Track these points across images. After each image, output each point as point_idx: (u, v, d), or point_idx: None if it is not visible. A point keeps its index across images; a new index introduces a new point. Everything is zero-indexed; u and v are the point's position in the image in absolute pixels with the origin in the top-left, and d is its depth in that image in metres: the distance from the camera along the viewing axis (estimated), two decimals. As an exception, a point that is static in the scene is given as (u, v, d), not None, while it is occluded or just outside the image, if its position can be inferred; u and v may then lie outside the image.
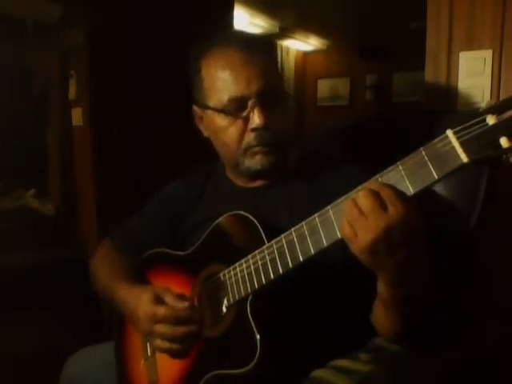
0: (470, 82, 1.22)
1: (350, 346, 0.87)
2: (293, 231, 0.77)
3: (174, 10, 2.35)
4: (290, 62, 5.37)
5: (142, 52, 2.29)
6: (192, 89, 1.02)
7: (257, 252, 0.82)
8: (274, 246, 0.79)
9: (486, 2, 1.18)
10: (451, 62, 1.24)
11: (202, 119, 1.03)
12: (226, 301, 0.88)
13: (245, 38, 0.98)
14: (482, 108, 0.59)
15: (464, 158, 0.59)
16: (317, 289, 0.87)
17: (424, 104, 1.32)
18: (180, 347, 0.90)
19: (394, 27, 4.23)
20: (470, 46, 1.21)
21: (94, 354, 1.16)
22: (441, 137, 0.61)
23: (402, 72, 4.81)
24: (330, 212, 0.71)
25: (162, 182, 1.18)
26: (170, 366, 0.95)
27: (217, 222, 0.95)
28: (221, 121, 0.96)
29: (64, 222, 2.36)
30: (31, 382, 1.71)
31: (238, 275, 0.85)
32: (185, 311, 0.89)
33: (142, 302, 0.92)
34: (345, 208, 0.68)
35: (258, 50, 0.94)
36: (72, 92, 2.26)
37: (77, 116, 2.29)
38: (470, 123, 0.59)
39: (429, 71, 1.28)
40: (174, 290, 0.94)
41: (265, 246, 0.81)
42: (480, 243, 1.03)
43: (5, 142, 2.26)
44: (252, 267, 0.83)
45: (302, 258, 0.75)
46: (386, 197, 0.64)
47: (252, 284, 0.82)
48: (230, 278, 0.87)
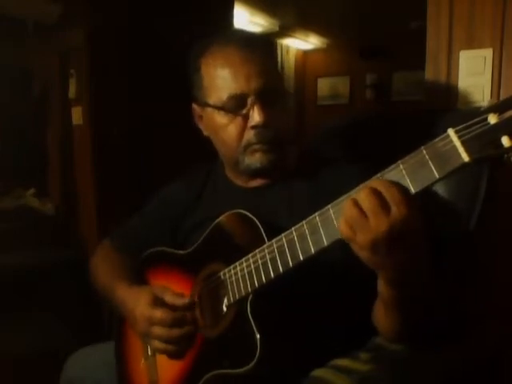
0: (471, 81, 1.22)
1: (350, 345, 0.87)
2: (293, 230, 0.76)
3: (174, 9, 2.35)
4: (290, 60, 5.37)
5: (142, 52, 2.29)
6: (192, 87, 1.01)
7: (257, 251, 0.82)
8: (275, 245, 0.79)
9: (485, 1, 1.18)
10: (451, 61, 1.24)
11: (201, 118, 1.03)
12: (226, 300, 0.88)
13: (244, 37, 0.98)
14: (484, 107, 0.59)
15: (465, 157, 0.58)
16: (317, 288, 0.86)
17: (424, 103, 1.32)
18: (176, 348, 0.92)
19: (394, 26, 4.23)
20: (470, 44, 1.21)
21: (93, 354, 1.17)
22: (442, 136, 0.61)
23: (402, 71, 4.80)
24: (331, 211, 0.71)
25: (162, 182, 1.18)
26: (170, 366, 0.95)
27: (217, 221, 0.95)
28: (220, 119, 0.96)
29: (64, 222, 2.35)
30: (31, 382, 1.71)
31: (239, 274, 0.85)
32: (181, 314, 0.90)
33: (139, 304, 0.93)
34: (344, 207, 0.67)
35: (258, 49, 0.94)
36: (72, 91, 2.26)
37: (77, 115, 2.29)
38: (472, 122, 0.58)
39: (429, 70, 1.28)
40: (173, 288, 0.95)
41: (265, 245, 0.81)
42: (480, 243, 1.03)
43: (5, 142, 2.26)
44: (252, 266, 0.82)
45: (302, 257, 0.75)
46: (390, 197, 0.63)
47: (252, 283, 0.82)
48: (231, 276, 0.87)
